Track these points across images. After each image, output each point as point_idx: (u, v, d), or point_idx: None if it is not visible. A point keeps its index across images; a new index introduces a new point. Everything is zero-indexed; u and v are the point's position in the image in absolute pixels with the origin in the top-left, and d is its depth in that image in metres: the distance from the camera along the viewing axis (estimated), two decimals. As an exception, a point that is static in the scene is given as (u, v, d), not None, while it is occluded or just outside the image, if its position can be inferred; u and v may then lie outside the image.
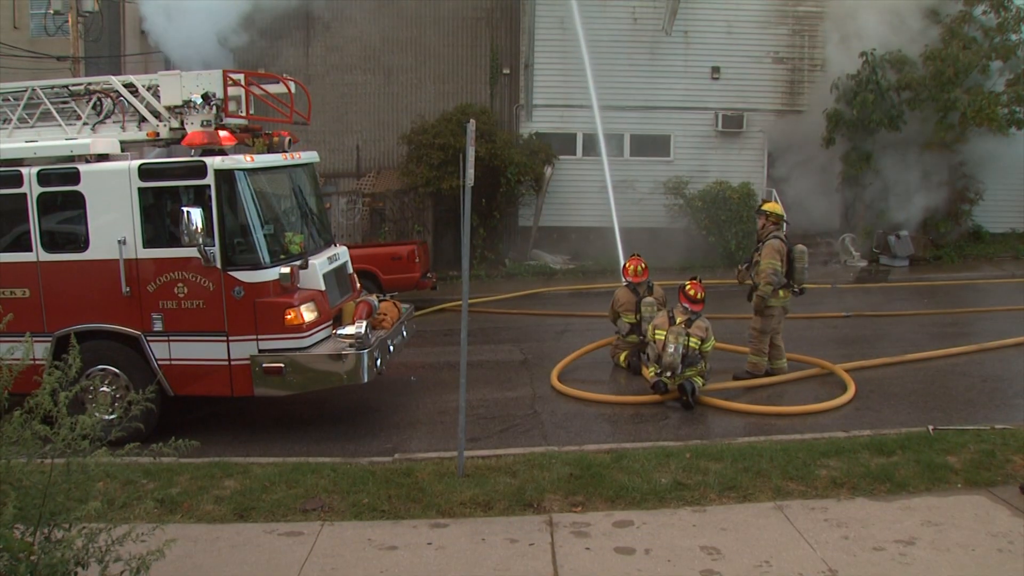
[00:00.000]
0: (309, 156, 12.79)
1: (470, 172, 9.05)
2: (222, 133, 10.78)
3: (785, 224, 12.95)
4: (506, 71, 25.01)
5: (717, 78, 25.04)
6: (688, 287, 12.14)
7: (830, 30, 24.08)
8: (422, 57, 24.87)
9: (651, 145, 25.15)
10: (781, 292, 12.37)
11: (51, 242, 10.97)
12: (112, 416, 10.13)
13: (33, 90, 11.78)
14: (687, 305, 12.03)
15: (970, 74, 21.82)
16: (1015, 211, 25.04)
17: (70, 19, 23.72)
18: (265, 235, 10.80)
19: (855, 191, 23.37)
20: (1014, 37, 22.02)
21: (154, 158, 11.05)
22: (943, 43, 22.01)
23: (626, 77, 24.42)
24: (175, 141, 11.31)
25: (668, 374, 11.69)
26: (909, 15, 22.63)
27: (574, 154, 24.86)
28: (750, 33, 24.87)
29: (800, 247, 12.66)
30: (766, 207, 12.84)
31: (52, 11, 23.93)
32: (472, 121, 9.17)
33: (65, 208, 10.99)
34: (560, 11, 23.91)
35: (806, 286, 12.84)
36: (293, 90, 12.55)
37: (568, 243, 24.37)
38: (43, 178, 10.87)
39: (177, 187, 10.55)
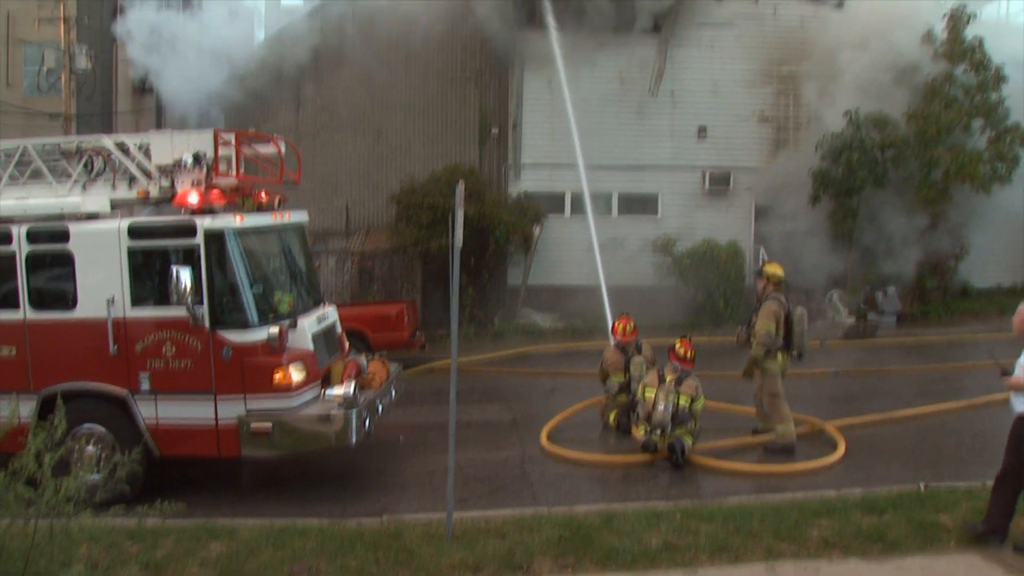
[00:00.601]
0: (299, 216, 12.86)
1: (459, 234, 9.09)
2: (212, 193, 10.83)
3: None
4: (495, 131, 25.19)
5: (704, 137, 25.35)
6: (677, 345, 12.16)
7: (814, 90, 24.37)
8: (411, 118, 25.10)
9: (639, 204, 25.37)
10: (779, 355, 12.29)
11: (39, 300, 10.95)
12: (97, 477, 10.02)
13: (25, 148, 11.82)
14: (677, 363, 12.04)
15: (952, 132, 22.15)
16: (1000, 266, 25.26)
17: (63, 77, 23.99)
18: (254, 295, 10.81)
19: (842, 248, 23.52)
20: (994, 96, 22.42)
21: (143, 217, 11.03)
22: (925, 102, 22.36)
23: (614, 137, 24.72)
24: (165, 200, 11.28)
25: (658, 433, 11.67)
26: (891, 75, 22.96)
27: (562, 213, 25.00)
28: (736, 93, 25.24)
29: (800, 310, 12.63)
30: (766, 269, 12.83)
31: (46, 69, 24.17)
32: (461, 183, 9.25)
33: (54, 266, 10.99)
34: (548, 72, 24.11)
35: (815, 342, 12.74)
36: (283, 150, 12.68)
37: (557, 302, 24.34)
38: (32, 236, 10.90)
39: (166, 246, 10.59)
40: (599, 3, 24.13)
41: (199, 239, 10.43)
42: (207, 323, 10.37)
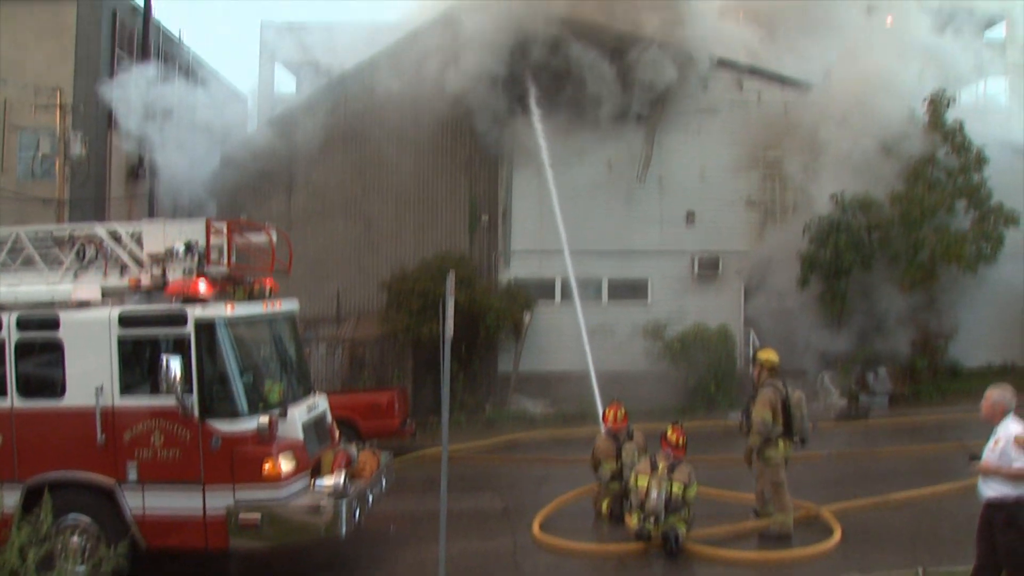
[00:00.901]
0: (289, 304, 12.91)
1: (450, 324, 9.18)
2: (203, 282, 10.89)
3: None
4: (485, 218, 25.35)
5: (692, 223, 25.56)
6: (669, 433, 12.13)
7: (799, 174, 24.79)
8: (402, 205, 25.31)
9: (629, 289, 25.48)
10: (780, 443, 12.19)
11: (27, 388, 10.92)
12: (82, 569, 9.88)
13: (18, 236, 11.93)
14: (669, 451, 11.99)
15: (937, 214, 22.45)
16: (990, 346, 25.21)
17: (57, 163, 24.18)
18: (244, 384, 10.83)
19: (831, 330, 23.61)
20: (976, 177, 22.77)
21: (134, 306, 11.07)
22: (909, 184, 22.71)
23: (603, 223, 25.00)
24: (156, 289, 11.35)
25: (652, 521, 11.56)
26: (875, 158, 23.30)
27: (553, 299, 25.09)
28: (723, 178, 25.54)
29: (798, 395, 12.57)
30: (759, 355, 12.79)
31: (40, 155, 24.44)
32: (452, 273, 9.36)
33: (43, 354, 11.00)
34: (537, 160, 24.49)
35: (820, 423, 12.62)
36: (275, 239, 12.82)
37: (548, 388, 24.27)
38: (22, 323, 10.93)
39: (157, 335, 10.65)
40: (586, 92, 24.46)
41: (189, 328, 10.49)
42: (196, 412, 10.35)
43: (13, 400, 10.86)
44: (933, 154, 22.94)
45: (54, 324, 10.83)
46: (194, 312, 10.52)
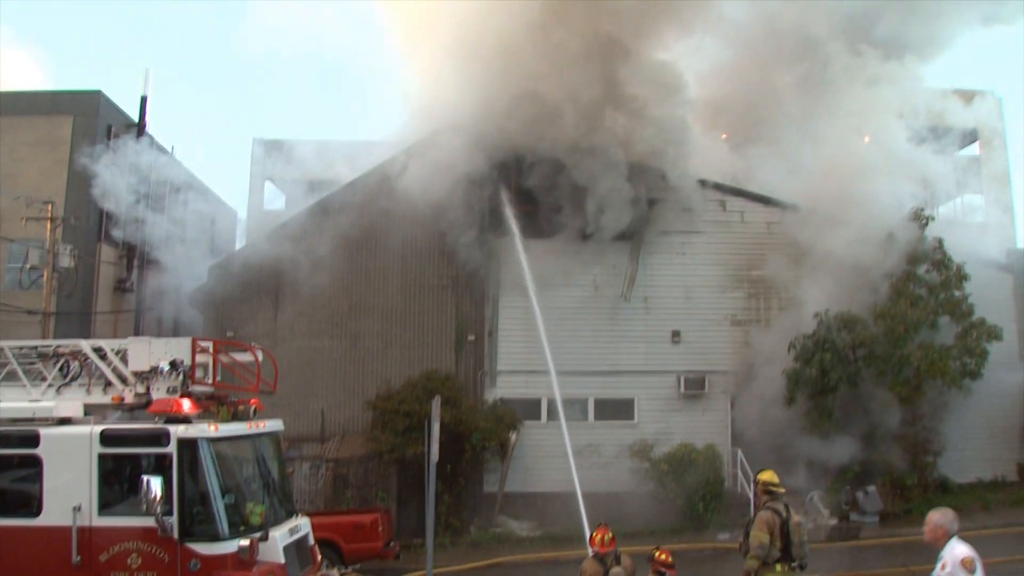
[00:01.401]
0: (274, 425, 12.84)
1: (435, 448, 9.18)
2: (187, 401, 10.85)
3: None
4: (471, 337, 25.41)
5: (678, 342, 25.75)
6: (658, 554, 11.93)
7: (783, 292, 25.19)
8: (388, 323, 25.34)
9: (615, 409, 25.43)
10: (778, 567, 11.91)
11: (2, 505, 10.74)
12: None
13: (2, 350, 11.89)
14: (662, 569, 11.76)
15: (920, 330, 22.74)
16: (979, 461, 25.25)
17: (45, 275, 24.22)
18: (226, 505, 10.66)
19: (820, 448, 23.52)
20: (957, 293, 23.18)
21: (117, 424, 11.00)
22: (891, 302, 23.03)
23: (589, 342, 25.29)
24: (140, 407, 11.31)
25: (641, 646, 11.27)
26: (857, 276, 23.73)
27: (539, 419, 24.98)
28: (707, 298, 25.89)
29: (797, 519, 12.36)
30: (759, 476, 12.58)
31: (29, 266, 24.49)
32: (437, 398, 9.39)
33: (21, 470, 10.88)
34: (522, 280, 24.78)
35: (811, 544, 12.32)
36: (260, 358, 12.80)
37: (534, 509, 23.97)
38: (1, 439, 10.81)
39: (138, 454, 10.52)
40: (572, 214, 25.13)
41: (172, 447, 10.40)
42: (176, 534, 10.18)
43: (-14, 518, 10.61)
44: (913, 270, 23.43)
45: (33, 440, 10.70)
46: (177, 431, 10.44)
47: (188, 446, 10.46)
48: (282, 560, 10.95)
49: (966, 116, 31.71)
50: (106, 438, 10.58)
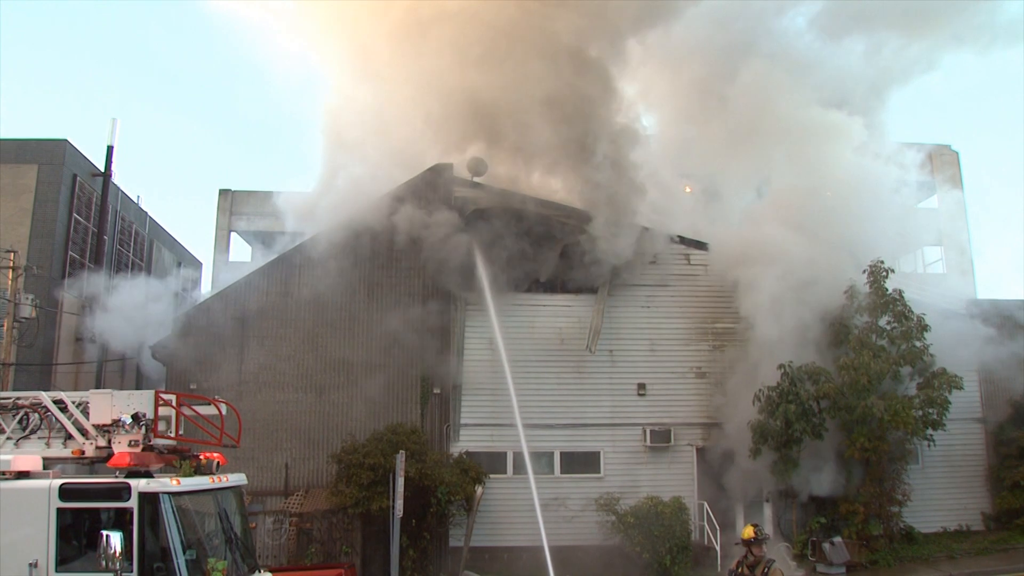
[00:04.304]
0: (237, 478, 12.78)
1: (399, 503, 9.19)
2: (148, 455, 10.87)
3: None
4: (437, 390, 25.35)
5: (643, 394, 25.90)
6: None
7: (747, 345, 25.31)
8: (354, 376, 25.19)
9: (581, 462, 25.43)
10: None
11: (-44, 562, 10.54)
12: None
13: (-41, 402, 11.67)
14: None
15: (883, 380, 23.00)
16: (944, 510, 25.50)
17: (5, 324, 23.86)
18: (187, 561, 10.57)
19: (785, 500, 23.64)
20: (918, 344, 23.43)
21: (76, 477, 10.88)
22: (855, 353, 23.22)
23: (554, 395, 25.42)
24: (100, 460, 11.21)
25: None
26: (819, 328, 24.17)
27: (505, 472, 24.93)
28: (672, 350, 26.15)
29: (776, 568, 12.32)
30: (744, 535, 12.47)
31: (-11, 316, 24.23)
32: (402, 452, 9.39)
33: (-24, 525, 10.64)
34: (489, 332, 25.04)
35: None
36: (224, 411, 12.75)
37: (501, 563, 23.84)
38: (-43, 492, 10.58)
39: (98, 509, 10.39)
40: (537, 268, 25.59)
41: (133, 502, 10.31)
42: (136, 590, 10.02)
43: (-63, 576, 10.46)
44: (875, 322, 23.77)
45: (-10, 495, 10.53)
46: (138, 485, 10.35)
47: (149, 501, 10.37)
48: (244, 617, 10.82)
49: (924, 169, 32.49)
50: (65, 492, 10.45)
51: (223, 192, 37.45)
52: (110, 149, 28.78)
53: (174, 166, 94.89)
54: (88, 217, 28.99)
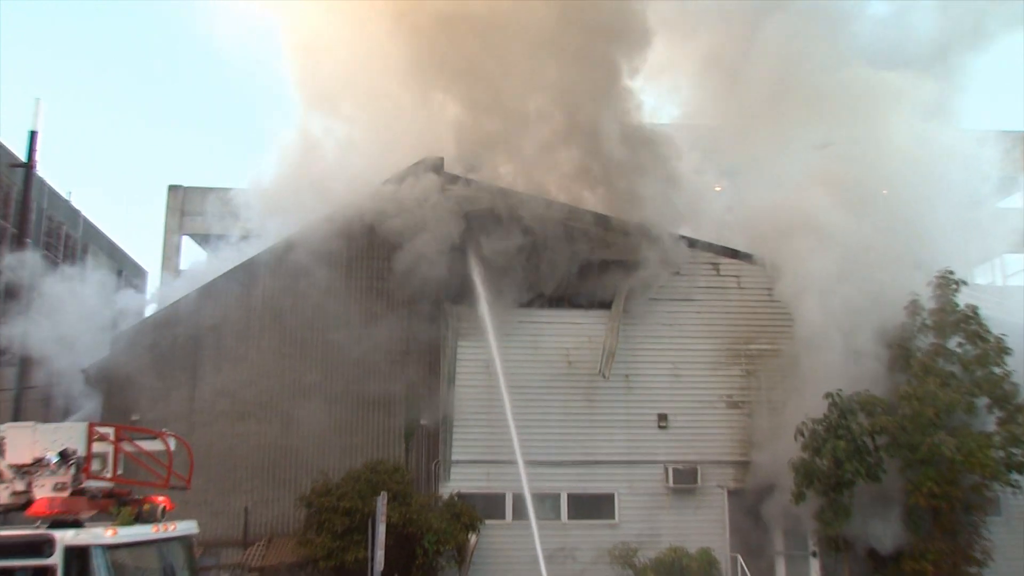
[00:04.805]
0: (186, 527, 12.45)
1: (380, 554, 8.74)
2: (78, 500, 10.64)
3: None
4: (424, 422, 24.97)
5: (664, 427, 25.49)
6: None
7: (788, 369, 24.95)
8: (327, 404, 24.78)
9: (592, 505, 25.05)
10: None
11: None
12: None
13: None
14: None
15: (953, 413, 22.17)
16: (1032, 571, 24.80)
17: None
18: (124, 628, 10.08)
19: (836, 554, 23.01)
20: (997, 370, 22.59)
21: (-12, 530, 10.38)
22: (918, 380, 22.51)
23: (561, 427, 25.09)
24: (18, 508, 10.86)
25: None
26: (877, 351, 23.50)
27: (503, 518, 24.53)
28: (699, 375, 25.76)
29: None
30: None
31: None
32: (384, 493, 8.91)
33: None
34: (484, 354, 24.72)
35: None
36: (172, 447, 12.54)
37: (499, 627, 23.58)
38: None
39: (12, 568, 9.94)
40: (541, 275, 25.18)
41: (57, 558, 9.88)
42: (59, 666, 9.52)
43: None
44: (942, 344, 23.03)
45: None
46: (64, 538, 9.97)
47: (78, 556, 9.94)
48: None
49: (1008, 161, 31.66)
50: (-27, 548, 9.92)
51: (173, 189, 37.15)
52: (33, 135, 27.82)
53: (114, 161, 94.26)
54: (6, 215, 28.54)
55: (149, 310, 29.42)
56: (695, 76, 29.45)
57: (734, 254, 26.52)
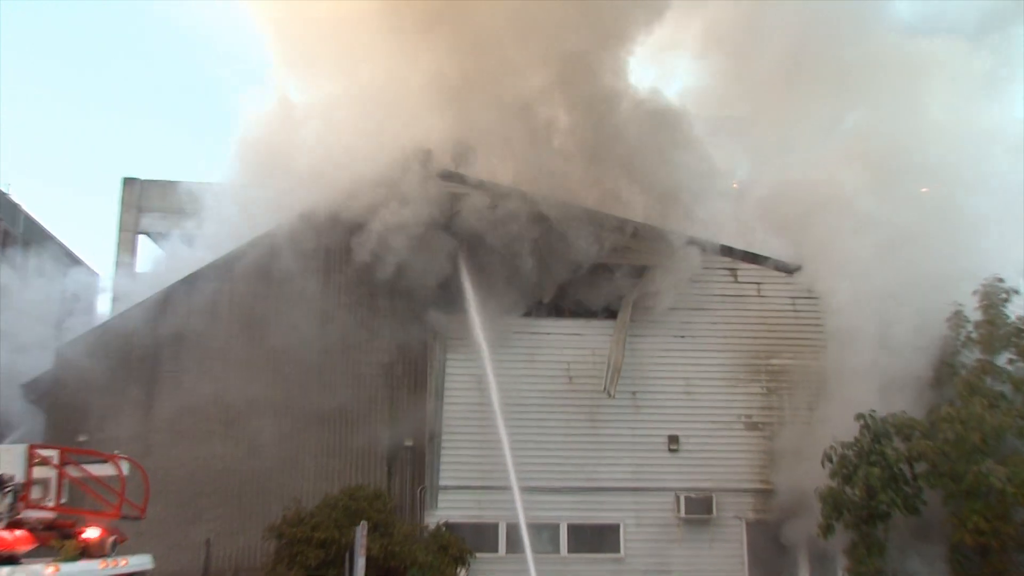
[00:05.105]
0: (140, 562, 12.16)
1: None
2: (14, 533, 10.23)
3: None
4: (408, 443, 24.75)
5: (676, 450, 25.25)
6: None
7: (813, 387, 24.80)
8: (300, 423, 24.62)
9: (595, 537, 24.89)
10: None
11: None
12: None
13: None
14: None
15: (1003, 439, 21.76)
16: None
17: None
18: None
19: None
20: None
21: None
22: (962, 401, 22.09)
23: (561, 450, 24.90)
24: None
25: None
26: (915, 367, 23.16)
27: (496, 550, 24.30)
28: (714, 393, 25.53)
29: None
30: None
31: None
32: (363, 523, 8.50)
33: None
34: (475, 368, 24.52)
35: None
36: (125, 471, 12.37)
37: (489, 672, 23.41)
38: None
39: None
40: (537, 280, 25.00)
41: (-13, 599, 9.60)
42: None
43: None
44: (990, 360, 22.59)
45: None
46: None
47: None
48: None
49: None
50: None
51: (128, 182, 36.49)
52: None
53: (61, 152, 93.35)
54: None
55: (100, 317, 28.93)
56: (708, 48, 29.10)
57: (754, 258, 26.21)
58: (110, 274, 35.06)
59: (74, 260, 36.66)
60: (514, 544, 23.60)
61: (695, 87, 29.26)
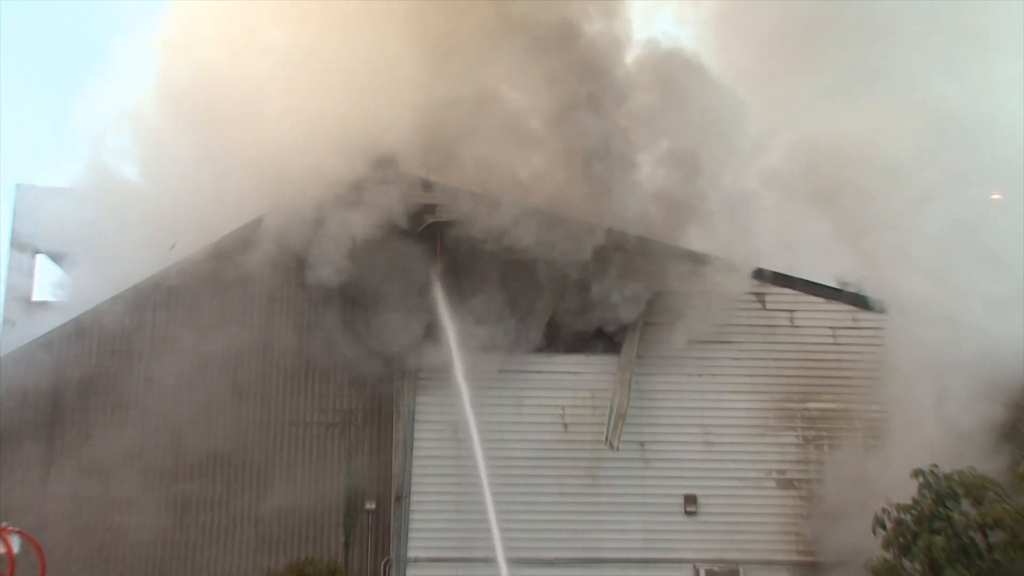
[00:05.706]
0: None
1: None
2: None
3: None
4: (370, 505, 24.33)
5: (693, 512, 24.68)
6: None
7: (860, 436, 24.45)
8: (238, 483, 24.25)
9: (599, 621, 24.58)
10: None
11: None
12: None
13: None
14: None
15: None
16: None
17: None
18: None
19: None
20: None
21: None
22: None
23: (555, 513, 24.32)
24: None
25: None
26: (982, 413, 22.69)
27: (478, 638, 24.02)
28: (739, 444, 24.99)
29: None
30: None
31: None
32: None
33: None
34: (451, 414, 24.08)
35: None
36: (16, 548, 12.18)
37: None
38: None
39: None
40: (525, 313, 24.71)
41: None
42: None
43: None
44: None
45: None
46: None
47: None
48: None
49: None
50: None
51: (21, 190, 35.90)
52: None
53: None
54: None
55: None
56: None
57: (785, 281, 25.74)
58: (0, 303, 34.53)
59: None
60: (499, 630, 23.25)
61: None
